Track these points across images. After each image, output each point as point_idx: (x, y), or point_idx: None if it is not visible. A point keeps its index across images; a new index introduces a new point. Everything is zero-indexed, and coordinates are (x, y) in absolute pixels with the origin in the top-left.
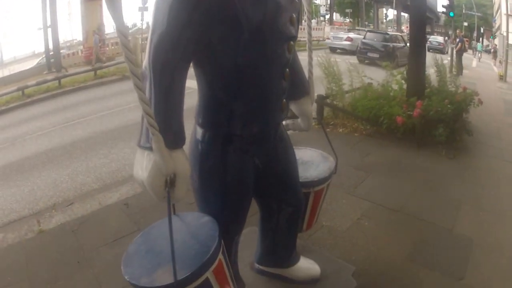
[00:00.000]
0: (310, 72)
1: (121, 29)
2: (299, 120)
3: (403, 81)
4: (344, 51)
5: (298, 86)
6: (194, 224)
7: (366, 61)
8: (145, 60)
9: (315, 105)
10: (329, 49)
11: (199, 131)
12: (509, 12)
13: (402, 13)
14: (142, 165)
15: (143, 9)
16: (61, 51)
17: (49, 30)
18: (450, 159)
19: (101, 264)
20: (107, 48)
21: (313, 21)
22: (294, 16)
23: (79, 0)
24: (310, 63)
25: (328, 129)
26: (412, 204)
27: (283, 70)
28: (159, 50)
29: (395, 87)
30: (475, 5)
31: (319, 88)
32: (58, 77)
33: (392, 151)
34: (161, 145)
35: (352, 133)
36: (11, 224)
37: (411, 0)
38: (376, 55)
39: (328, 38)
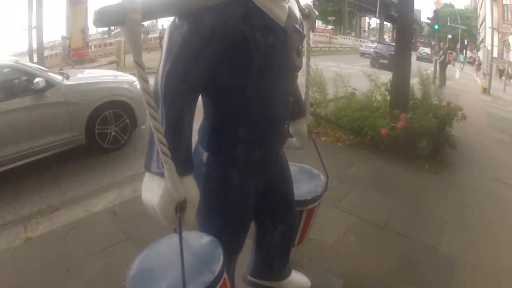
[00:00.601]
0: (307, 94)
1: (139, 62)
2: (294, 139)
3: (386, 93)
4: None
5: (296, 108)
6: (197, 244)
7: (377, 66)
8: (155, 85)
9: None
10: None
11: (204, 153)
12: (494, 26)
13: (385, 22)
14: (152, 190)
15: None
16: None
17: (34, 31)
18: (433, 173)
19: (91, 273)
20: (90, 50)
21: None
22: (300, 47)
23: (64, 2)
24: (307, 86)
25: (311, 138)
26: (397, 220)
27: (287, 98)
28: (170, 79)
29: (379, 97)
30: (459, 17)
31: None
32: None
33: (376, 163)
34: (173, 172)
35: (335, 143)
36: None
37: (398, 12)
38: (385, 61)
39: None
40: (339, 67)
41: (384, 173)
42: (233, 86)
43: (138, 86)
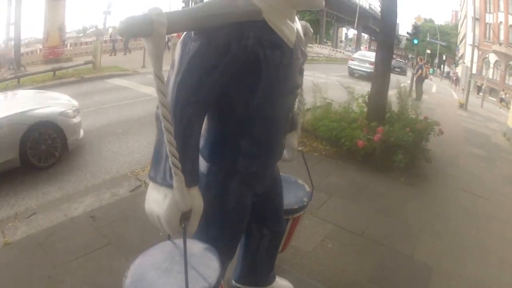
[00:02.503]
0: (299, 109)
1: (159, 75)
2: (284, 151)
3: (364, 105)
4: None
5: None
6: (193, 251)
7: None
8: (163, 96)
9: None
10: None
11: (205, 164)
12: (475, 43)
13: (363, 33)
14: (158, 200)
15: (107, 13)
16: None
17: (12, 27)
18: (409, 186)
19: (73, 279)
20: (66, 49)
21: None
22: (302, 67)
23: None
24: (299, 101)
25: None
26: (373, 228)
27: (288, 114)
28: (182, 91)
29: (356, 109)
30: (439, 33)
31: None
32: (17, 76)
33: (352, 173)
34: (182, 184)
35: (312, 152)
36: None
37: (381, 27)
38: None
39: None
40: (314, 76)
41: (360, 184)
42: (238, 101)
43: (67, 112)
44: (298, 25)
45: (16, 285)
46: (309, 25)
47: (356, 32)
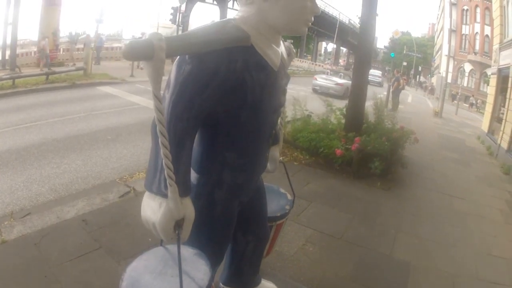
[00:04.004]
0: (281, 124)
1: (157, 95)
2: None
3: (341, 116)
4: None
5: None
6: (184, 256)
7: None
8: (160, 115)
9: None
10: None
11: (194, 175)
12: (450, 54)
13: (341, 47)
14: (154, 209)
15: (99, 21)
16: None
17: (10, 27)
18: (385, 190)
19: (68, 280)
20: (58, 53)
21: None
22: (286, 88)
23: (40, 2)
24: (282, 117)
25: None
26: (352, 232)
27: (272, 131)
28: (176, 108)
29: (334, 121)
30: (415, 45)
31: None
32: (12, 76)
33: (331, 181)
34: (176, 194)
35: (292, 162)
36: None
37: (359, 41)
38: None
39: None
40: (295, 89)
41: (338, 190)
42: (226, 119)
43: None
44: (282, 47)
45: (14, 283)
46: (292, 46)
47: (335, 46)
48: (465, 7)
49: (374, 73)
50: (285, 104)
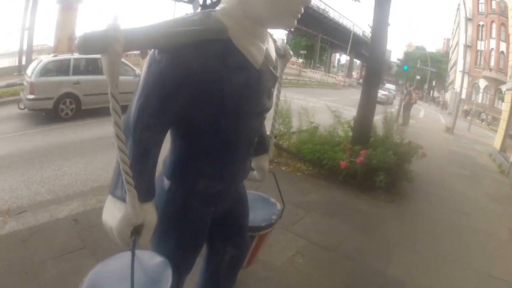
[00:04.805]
0: (272, 132)
1: (114, 93)
2: (255, 172)
3: (349, 129)
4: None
5: (260, 144)
6: (149, 263)
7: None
8: (127, 115)
9: None
10: None
11: (166, 182)
12: (465, 70)
13: (355, 59)
14: (113, 213)
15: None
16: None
17: (26, 32)
18: (389, 204)
19: (47, 277)
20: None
21: None
22: (272, 90)
23: (56, 7)
24: (273, 125)
25: (271, 166)
26: (347, 244)
27: (253, 138)
28: (143, 113)
29: (342, 133)
30: (430, 60)
31: (266, 126)
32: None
33: (333, 192)
34: (134, 199)
35: (295, 172)
36: None
37: (370, 53)
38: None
39: None
40: (306, 100)
41: (339, 202)
42: (201, 124)
43: None
44: (270, 45)
45: None
46: (288, 47)
47: (348, 58)
48: (481, 23)
49: (388, 87)
50: (291, 111)
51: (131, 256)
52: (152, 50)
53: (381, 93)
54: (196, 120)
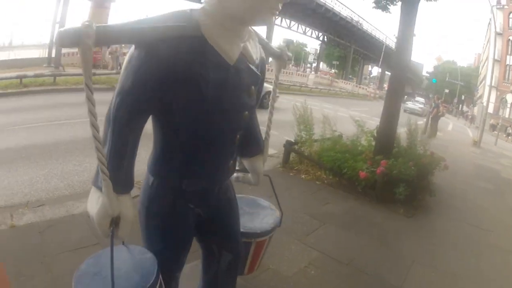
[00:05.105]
0: (267, 134)
1: (88, 84)
2: (249, 175)
3: (372, 139)
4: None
5: (253, 145)
6: (138, 257)
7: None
8: (109, 107)
9: (282, 149)
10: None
11: (150, 177)
12: (493, 84)
13: (386, 72)
14: (93, 203)
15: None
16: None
17: (57, 26)
18: (408, 217)
19: (60, 269)
20: (99, 56)
21: (296, 68)
22: (253, 88)
23: (89, 4)
24: (268, 126)
25: (291, 174)
26: (363, 258)
27: (234, 136)
28: (121, 104)
29: (364, 143)
30: (460, 74)
31: (288, 133)
32: (54, 74)
33: (351, 203)
34: (109, 190)
35: (314, 181)
36: None
37: (394, 62)
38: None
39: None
40: (335, 109)
41: (357, 213)
42: (178, 119)
43: None
44: (252, 43)
45: (10, 265)
46: (286, 49)
47: (380, 70)
48: (511, 38)
49: (418, 100)
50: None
51: (110, 246)
52: (132, 46)
53: (417, 105)
54: (173, 115)
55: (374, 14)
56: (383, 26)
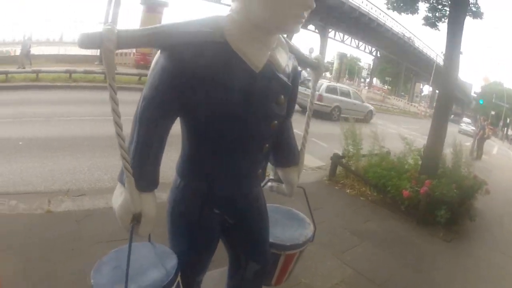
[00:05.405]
0: (303, 145)
1: (111, 84)
2: (283, 185)
3: (418, 157)
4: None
5: (288, 156)
6: (160, 256)
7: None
8: (137, 106)
9: (329, 161)
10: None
11: (177, 179)
12: None
13: (437, 91)
14: (117, 197)
15: None
16: None
17: None
18: (446, 242)
19: (91, 259)
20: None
21: (350, 82)
22: (282, 97)
23: (141, 8)
24: (304, 137)
25: (336, 187)
26: (396, 280)
27: (262, 145)
28: (147, 105)
29: (411, 161)
30: (506, 96)
31: (338, 146)
32: (105, 72)
33: (392, 222)
34: (132, 186)
35: (358, 196)
36: (25, 195)
37: (442, 81)
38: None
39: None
40: (386, 125)
41: (397, 234)
42: (203, 124)
43: None
44: (281, 52)
45: (42, 248)
46: (321, 58)
47: (431, 88)
48: None
49: (465, 121)
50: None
51: (129, 242)
52: (159, 51)
53: (470, 127)
54: (198, 119)
55: (424, 31)
56: (433, 43)
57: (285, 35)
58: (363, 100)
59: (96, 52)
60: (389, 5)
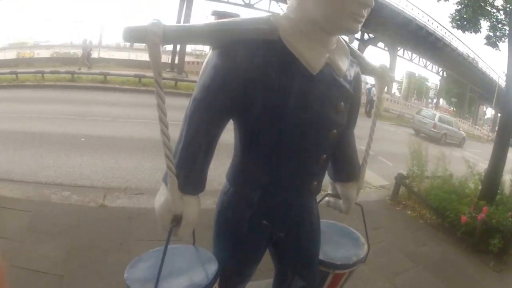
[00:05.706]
0: (365, 160)
1: (157, 80)
2: (341, 201)
3: (479, 182)
4: None
5: (347, 170)
6: (201, 260)
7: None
8: (186, 109)
9: (393, 181)
10: None
11: (227, 184)
12: None
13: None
14: (160, 197)
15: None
16: (186, 56)
17: None
18: (496, 272)
19: (136, 255)
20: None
21: (418, 102)
22: (343, 104)
23: (212, 19)
24: (367, 151)
25: (398, 208)
26: None
27: (318, 155)
28: (197, 107)
29: (472, 185)
30: None
31: (404, 166)
32: (175, 78)
33: (446, 248)
34: (174, 187)
35: (418, 219)
36: (81, 188)
37: (503, 104)
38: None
39: None
40: (449, 148)
41: (449, 260)
42: (255, 128)
43: None
44: (339, 54)
45: (89, 238)
46: (387, 67)
47: (493, 111)
48: None
49: None
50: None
51: (165, 243)
52: (210, 50)
53: None
54: (250, 123)
55: (486, 51)
56: (495, 64)
57: (346, 39)
58: (459, 128)
59: (167, 59)
60: (453, 24)
